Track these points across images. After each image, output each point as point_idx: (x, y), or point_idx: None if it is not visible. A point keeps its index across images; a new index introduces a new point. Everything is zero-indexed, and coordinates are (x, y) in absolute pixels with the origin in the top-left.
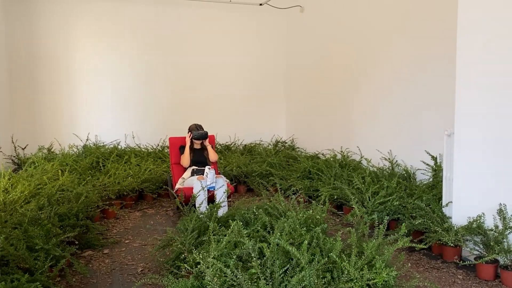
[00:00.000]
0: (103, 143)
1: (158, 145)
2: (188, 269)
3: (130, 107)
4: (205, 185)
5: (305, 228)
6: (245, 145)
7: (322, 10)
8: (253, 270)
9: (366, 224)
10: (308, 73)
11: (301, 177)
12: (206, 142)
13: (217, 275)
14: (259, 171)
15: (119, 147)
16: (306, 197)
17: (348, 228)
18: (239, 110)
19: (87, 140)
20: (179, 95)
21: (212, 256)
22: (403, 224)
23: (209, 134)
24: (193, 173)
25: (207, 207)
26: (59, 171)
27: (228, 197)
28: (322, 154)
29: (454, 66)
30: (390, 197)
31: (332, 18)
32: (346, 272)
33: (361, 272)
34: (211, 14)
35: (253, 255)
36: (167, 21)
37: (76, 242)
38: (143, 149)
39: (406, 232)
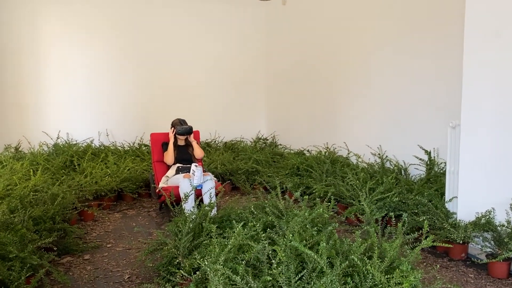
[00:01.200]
0: (75, 141)
1: (134, 142)
2: (185, 276)
3: (103, 104)
4: (193, 183)
5: (315, 228)
6: (226, 142)
7: (304, 1)
8: (268, 278)
9: (377, 222)
10: (289, 68)
11: (290, 174)
12: (191, 138)
13: (223, 283)
14: (245, 168)
15: (93, 145)
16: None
17: (365, 227)
18: (218, 106)
19: (57, 138)
20: (155, 91)
21: (220, 262)
22: (425, 222)
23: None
24: (178, 171)
25: (193, 206)
26: (30, 170)
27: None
28: (307, 151)
29: (449, 55)
30: (388, 193)
31: (315, 9)
32: (370, 277)
33: (386, 276)
34: (190, 5)
35: (263, 259)
36: (143, 14)
37: (55, 248)
38: (119, 147)
39: (428, 230)
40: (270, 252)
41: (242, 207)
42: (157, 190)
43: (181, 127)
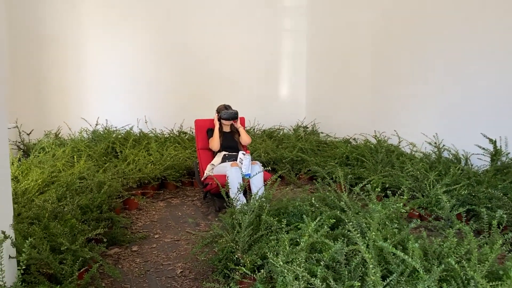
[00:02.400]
0: (115, 128)
1: (173, 129)
2: (246, 273)
3: (142, 90)
4: (243, 173)
5: (396, 225)
6: (264, 130)
7: None
8: (356, 284)
9: (448, 219)
10: (332, 52)
11: (339, 164)
12: (237, 124)
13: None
14: (290, 157)
15: (132, 132)
16: (347, 186)
17: (458, 225)
18: (257, 94)
19: (96, 124)
20: (194, 78)
21: (299, 263)
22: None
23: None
24: (225, 159)
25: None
26: (74, 157)
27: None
28: (353, 139)
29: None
30: (456, 185)
31: None
32: (472, 283)
33: (490, 284)
34: None
35: (340, 260)
36: (182, 0)
37: (104, 240)
38: (158, 134)
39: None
40: (348, 252)
41: (299, 199)
42: (202, 179)
43: (226, 112)
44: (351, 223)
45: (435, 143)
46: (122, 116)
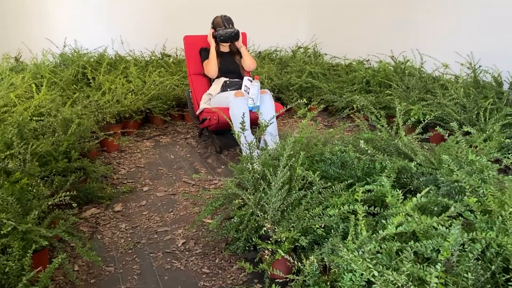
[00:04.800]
0: (85, 49)
1: (153, 51)
2: (286, 257)
3: (116, 5)
4: (248, 104)
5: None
6: (260, 52)
7: None
8: None
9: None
10: None
11: (358, 90)
12: (239, 43)
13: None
14: (298, 83)
15: (107, 54)
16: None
17: None
18: (250, 8)
19: (64, 46)
20: None
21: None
22: None
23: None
24: (225, 87)
25: (254, 137)
26: (33, 85)
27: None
28: (366, 61)
29: None
30: None
31: None
32: None
33: None
34: None
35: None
36: None
37: (74, 204)
38: (138, 57)
39: None
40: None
41: (334, 141)
42: (197, 112)
43: (224, 31)
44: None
45: (470, 63)
46: (94, 36)
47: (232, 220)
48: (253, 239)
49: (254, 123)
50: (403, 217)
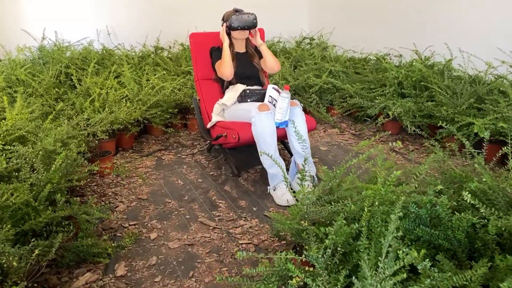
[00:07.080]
0: (68, 42)
1: (144, 44)
2: None
3: None
4: (275, 120)
5: None
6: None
7: None
8: None
9: None
10: None
11: (391, 94)
12: (257, 40)
13: None
14: (319, 84)
15: (93, 48)
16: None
17: None
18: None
19: (43, 38)
20: None
21: None
22: None
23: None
24: (244, 96)
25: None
26: (5, 98)
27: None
28: (387, 55)
29: None
30: None
31: None
32: None
33: None
34: None
35: None
36: None
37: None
38: (128, 52)
39: None
40: None
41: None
42: (208, 126)
43: (239, 17)
44: None
45: None
46: (76, 26)
47: None
48: None
49: (281, 140)
50: None
